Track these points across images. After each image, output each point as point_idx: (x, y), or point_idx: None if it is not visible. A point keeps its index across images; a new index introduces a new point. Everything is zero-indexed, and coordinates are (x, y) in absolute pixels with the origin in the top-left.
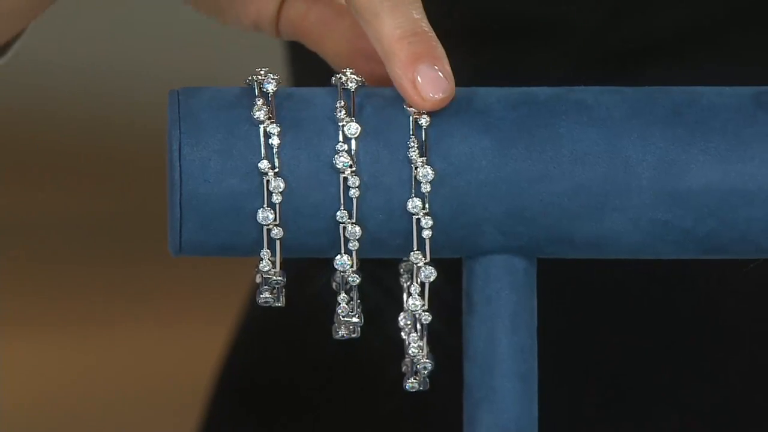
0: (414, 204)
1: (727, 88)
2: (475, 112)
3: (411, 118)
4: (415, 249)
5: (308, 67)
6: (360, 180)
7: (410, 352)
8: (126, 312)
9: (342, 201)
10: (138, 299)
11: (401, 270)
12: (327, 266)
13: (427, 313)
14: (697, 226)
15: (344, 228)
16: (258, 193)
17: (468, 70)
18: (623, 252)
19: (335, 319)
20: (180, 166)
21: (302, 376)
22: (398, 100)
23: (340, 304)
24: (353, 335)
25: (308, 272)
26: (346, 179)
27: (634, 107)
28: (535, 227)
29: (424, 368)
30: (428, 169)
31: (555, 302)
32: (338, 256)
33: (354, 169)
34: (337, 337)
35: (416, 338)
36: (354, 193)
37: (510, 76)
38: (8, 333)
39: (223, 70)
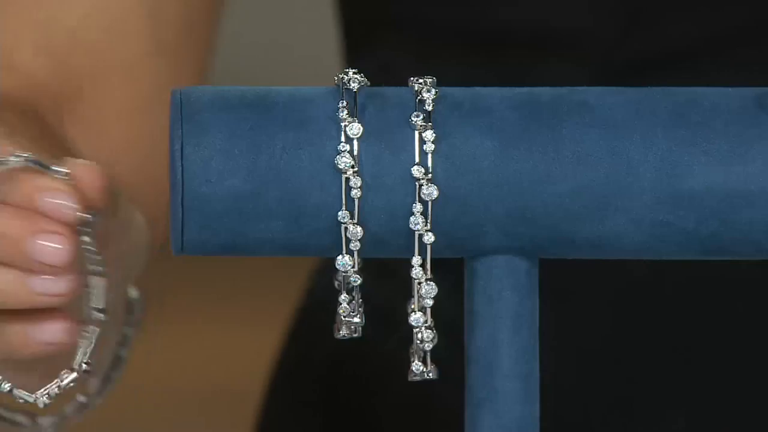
0: (415, 221)
1: (730, 90)
2: (478, 112)
3: (416, 131)
4: (416, 254)
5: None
6: (362, 180)
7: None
8: None
9: (344, 201)
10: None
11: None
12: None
13: (430, 331)
14: (699, 227)
15: (346, 228)
16: (260, 193)
17: (485, 79)
18: (625, 253)
19: (336, 319)
20: (182, 166)
21: (313, 376)
22: (401, 101)
23: (341, 304)
24: (354, 335)
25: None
26: (348, 180)
27: (636, 108)
28: (537, 228)
29: (429, 340)
30: (433, 189)
31: (557, 302)
32: (340, 257)
33: (356, 169)
34: (338, 336)
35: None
36: (356, 193)
37: (526, 86)
38: None
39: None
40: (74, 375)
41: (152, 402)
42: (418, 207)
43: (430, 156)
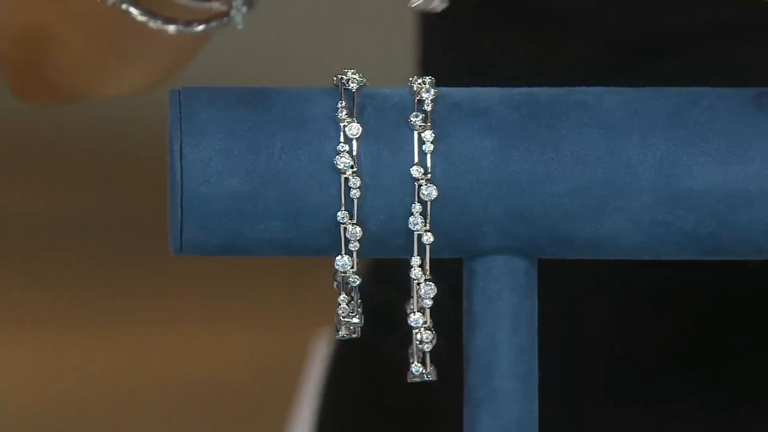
0: (415, 221)
1: (729, 89)
2: (477, 112)
3: (415, 132)
4: (415, 254)
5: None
6: (361, 180)
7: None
8: (126, 312)
9: (343, 201)
10: (136, 299)
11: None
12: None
13: (429, 332)
14: (698, 227)
15: (345, 228)
16: (259, 194)
17: (491, 62)
18: (624, 253)
19: (335, 319)
20: (181, 166)
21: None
22: (399, 101)
23: (340, 304)
24: (353, 336)
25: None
26: (347, 180)
27: (635, 108)
28: (536, 228)
29: (429, 341)
30: (432, 189)
31: (556, 303)
32: (339, 257)
33: (355, 169)
34: (337, 337)
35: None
36: (355, 193)
37: (530, 69)
38: (10, 333)
39: (224, 69)
40: None
41: (152, 402)
42: (417, 207)
43: (429, 156)
